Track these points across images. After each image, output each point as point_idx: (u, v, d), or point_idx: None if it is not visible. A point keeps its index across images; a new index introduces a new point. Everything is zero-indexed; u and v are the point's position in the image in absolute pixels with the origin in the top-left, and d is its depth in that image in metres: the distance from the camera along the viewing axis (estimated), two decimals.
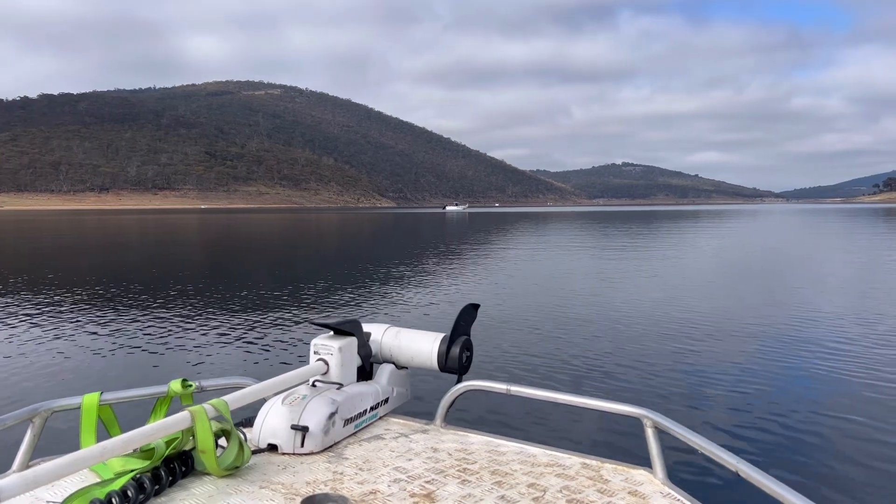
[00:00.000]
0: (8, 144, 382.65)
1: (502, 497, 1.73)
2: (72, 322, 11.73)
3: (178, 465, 1.78)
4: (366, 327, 2.51)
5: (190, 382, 2.11)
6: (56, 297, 14.70)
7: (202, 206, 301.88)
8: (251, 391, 2.03)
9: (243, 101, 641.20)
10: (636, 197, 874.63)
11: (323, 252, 32.36)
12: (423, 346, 2.47)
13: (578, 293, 14.54)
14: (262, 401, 2.11)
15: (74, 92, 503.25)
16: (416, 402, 2.57)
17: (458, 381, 2.40)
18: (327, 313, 12.14)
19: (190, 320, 11.54)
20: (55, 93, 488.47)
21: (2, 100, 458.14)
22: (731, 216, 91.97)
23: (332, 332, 2.37)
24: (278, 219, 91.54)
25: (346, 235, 49.46)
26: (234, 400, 1.93)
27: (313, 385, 2.20)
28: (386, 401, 2.41)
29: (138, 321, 11.63)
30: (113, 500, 1.56)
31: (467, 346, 2.48)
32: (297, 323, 11.07)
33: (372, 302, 13.53)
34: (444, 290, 15.36)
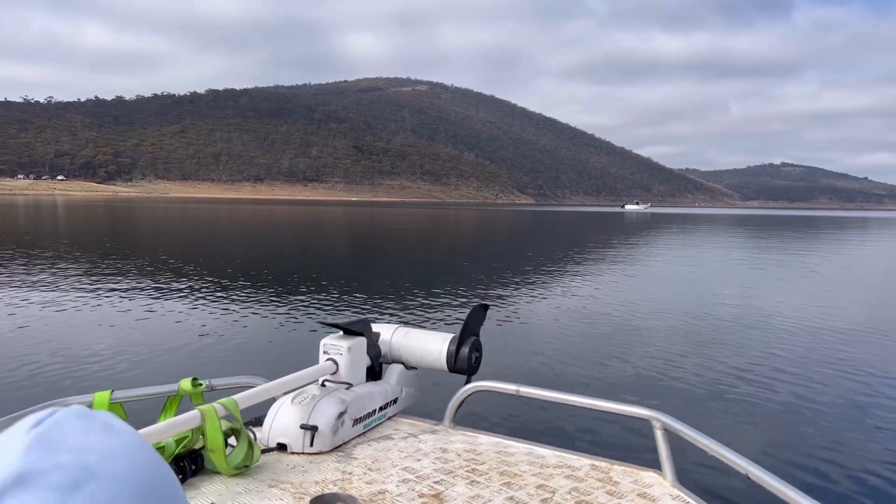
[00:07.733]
0: (177, 136, 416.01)
1: (511, 498, 1.72)
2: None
3: (188, 463, 1.78)
4: (375, 327, 2.50)
5: (200, 381, 2.10)
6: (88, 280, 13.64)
7: (353, 199, 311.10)
8: (261, 390, 2.03)
9: (391, 97, 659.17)
10: (795, 200, 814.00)
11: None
12: (432, 346, 2.45)
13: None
14: (272, 400, 2.11)
15: (237, 88, 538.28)
16: (425, 402, 2.56)
17: (467, 381, 2.40)
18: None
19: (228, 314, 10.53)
20: (220, 88, 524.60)
21: (174, 95, 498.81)
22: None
23: (341, 332, 2.36)
24: (428, 214, 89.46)
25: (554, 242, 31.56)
26: (244, 399, 1.93)
27: (323, 385, 2.19)
28: (395, 401, 2.40)
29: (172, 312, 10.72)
30: None
31: (476, 347, 2.47)
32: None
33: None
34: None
